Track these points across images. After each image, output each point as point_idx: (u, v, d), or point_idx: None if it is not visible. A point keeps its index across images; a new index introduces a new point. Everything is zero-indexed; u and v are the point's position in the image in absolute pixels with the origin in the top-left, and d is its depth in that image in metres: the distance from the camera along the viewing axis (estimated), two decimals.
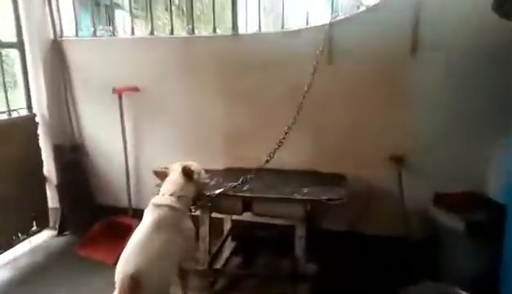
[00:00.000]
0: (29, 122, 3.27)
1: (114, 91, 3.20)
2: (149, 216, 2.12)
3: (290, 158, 2.89)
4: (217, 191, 2.42)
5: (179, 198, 2.22)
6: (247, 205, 2.43)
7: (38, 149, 3.35)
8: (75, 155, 3.53)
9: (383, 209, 2.84)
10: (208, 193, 2.41)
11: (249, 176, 2.50)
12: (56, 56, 3.41)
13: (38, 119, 3.32)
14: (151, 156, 3.37)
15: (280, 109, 2.90)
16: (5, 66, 3.17)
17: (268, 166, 2.77)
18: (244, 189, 2.47)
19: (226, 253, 2.97)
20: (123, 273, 1.87)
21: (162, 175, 2.38)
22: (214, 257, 2.70)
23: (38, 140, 3.33)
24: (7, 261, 3.10)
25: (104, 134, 3.49)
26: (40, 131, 3.34)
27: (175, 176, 2.33)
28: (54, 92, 3.40)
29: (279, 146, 2.54)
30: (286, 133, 2.54)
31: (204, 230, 2.59)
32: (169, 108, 3.26)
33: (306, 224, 2.36)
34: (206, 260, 2.59)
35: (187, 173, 2.30)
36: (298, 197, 2.31)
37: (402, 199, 2.69)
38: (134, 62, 3.27)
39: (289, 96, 2.79)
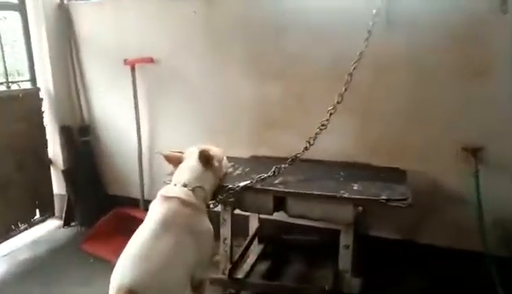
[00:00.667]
0: (32, 97, 2.88)
1: (125, 62, 2.77)
2: (155, 212, 1.66)
3: (333, 146, 2.35)
4: (243, 183, 1.91)
5: (194, 189, 1.75)
6: (279, 202, 1.91)
7: (43, 129, 2.96)
8: (84, 138, 3.12)
9: (452, 214, 2.24)
10: (231, 186, 1.91)
11: (282, 166, 1.97)
12: (62, 22, 2.97)
13: (42, 94, 2.93)
14: (167, 140, 2.91)
15: (321, 85, 2.35)
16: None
17: (306, 155, 2.24)
18: (277, 181, 1.95)
19: (251, 259, 2.47)
20: (118, 287, 1.43)
21: (174, 160, 1.91)
22: (237, 264, 2.21)
23: (42, 118, 2.94)
24: (4, 254, 2.74)
25: (115, 113, 3.05)
26: (45, 108, 2.95)
27: (191, 163, 1.85)
28: (60, 64, 2.99)
29: (321, 130, 2.00)
30: (331, 114, 1.99)
31: (226, 231, 2.10)
32: (189, 83, 2.77)
33: (354, 229, 1.82)
34: (227, 268, 2.11)
35: (206, 158, 1.81)
36: (346, 195, 1.77)
37: (480, 203, 2.08)
38: (149, 29, 2.79)
39: (334, 70, 2.21)
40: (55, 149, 3.07)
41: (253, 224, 2.59)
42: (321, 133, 2.00)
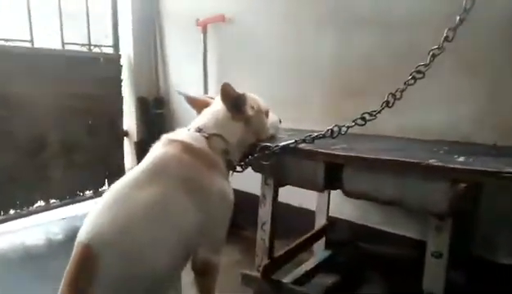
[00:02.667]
0: (112, 63, 2.84)
1: (197, 23, 2.50)
2: (148, 156, 1.25)
3: (437, 119, 1.63)
4: (284, 143, 1.36)
5: (210, 137, 1.28)
6: (334, 173, 1.28)
7: (120, 97, 2.90)
8: (158, 110, 2.95)
9: None
10: (267, 144, 1.38)
11: (345, 126, 1.35)
12: None
13: (122, 61, 2.87)
14: None
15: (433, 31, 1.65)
16: None
17: (390, 131, 1.62)
18: (335, 147, 1.34)
19: (309, 264, 1.86)
20: (78, 238, 1.06)
21: (199, 104, 1.48)
22: (278, 262, 1.63)
23: (120, 85, 2.89)
24: (63, 217, 2.69)
25: (189, 84, 2.80)
26: (124, 77, 2.89)
27: (216, 107, 1.39)
28: (142, 32, 2.89)
29: (415, 79, 1.32)
30: (434, 56, 1.29)
31: (265, 213, 1.56)
32: (262, 47, 2.33)
33: (451, 225, 1.09)
34: (262, 264, 1.55)
35: (230, 98, 1.33)
36: (440, 163, 1.05)
37: None
38: None
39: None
40: (130, 120, 2.98)
41: (320, 221, 1.98)
42: (419, 91, 1.32)
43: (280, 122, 1.62)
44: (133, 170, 1.21)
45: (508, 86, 1.53)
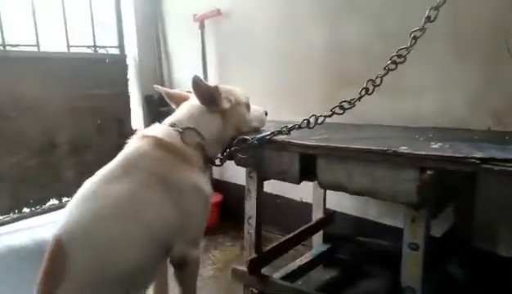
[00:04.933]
0: (118, 63, 2.90)
1: (195, 18, 2.51)
2: (121, 151, 1.26)
3: (418, 105, 1.57)
4: (261, 135, 1.33)
5: (185, 131, 1.27)
6: (309, 164, 1.25)
7: (127, 97, 2.96)
8: (163, 108, 2.98)
9: None
10: (246, 137, 1.35)
11: (321, 116, 1.30)
12: None
13: (128, 61, 2.93)
14: None
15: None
16: None
17: (383, 120, 1.57)
18: (314, 138, 1.30)
19: (304, 258, 1.82)
20: (52, 233, 1.09)
21: (177, 98, 1.48)
22: (266, 256, 1.60)
23: (127, 85, 2.95)
24: None
25: (189, 78, 2.81)
26: (129, 76, 2.95)
27: (192, 102, 1.39)
28: (146, 31, 2.94)
29: (388, 71, 1.25)
30: (415, 39, 1.21)
31: (251, 207, 1.54)
32: (257, 39, 2.31)
33: (427, 216, 1.03)
34: (248, 258, 1.54)
35: (202, 91, 1.32)
36: (407, 150, 0.99)
37: None
38: None
39: None
40: (137, 118, 3.04)
41: (317, 214, 1.94)
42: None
43: (266, 114, 1.59)
44: (107, 165, 1.22)
45: (503, 70, 1.43)
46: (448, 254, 1.47)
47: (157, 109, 2.98)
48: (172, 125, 1.30)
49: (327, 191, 1.90)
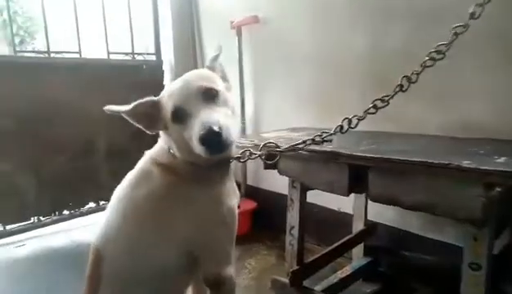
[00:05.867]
0: (155, 69, 2.94)
1: (232, 25, 2.51)
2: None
3: (466, 114, 1.49)
4: (289, 144, 1.28)
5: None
6: (357, 176, 1.21)
7: None
8: None
9: None
10: (272, 142, 1.29)
11: (354, 117, 1.25)
12: None
13: (164, 67, 2.97)
14: (274, 114, 2.49)
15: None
16: None
17: (422, 130, 1.51)
18: (362, 148, 1.25)
19: (345, 271, 1.77)
20: (92, 241, 1.15)
21: None
22: (308, 268, 1.57)
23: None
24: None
25: None
26: (166, 81, 2.98)
27: None
28: (182, 35, 2.96)
29: (424, 67, 1.18)
30: (450, 42, 1.14)
31: (293, 217, 1.51)
32: (296, 44, 2.28)
33: (490, 234, 0.97)
34: (290, 269, 1.51)
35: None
36: (472, 165, 0.94)
37: None
38: None
39: None
40: None
41: (358, 225, 1.88)
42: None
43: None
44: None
45: None
46: (504, 271, 1.39)
47: None
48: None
49: (368, 202, 1.84)
